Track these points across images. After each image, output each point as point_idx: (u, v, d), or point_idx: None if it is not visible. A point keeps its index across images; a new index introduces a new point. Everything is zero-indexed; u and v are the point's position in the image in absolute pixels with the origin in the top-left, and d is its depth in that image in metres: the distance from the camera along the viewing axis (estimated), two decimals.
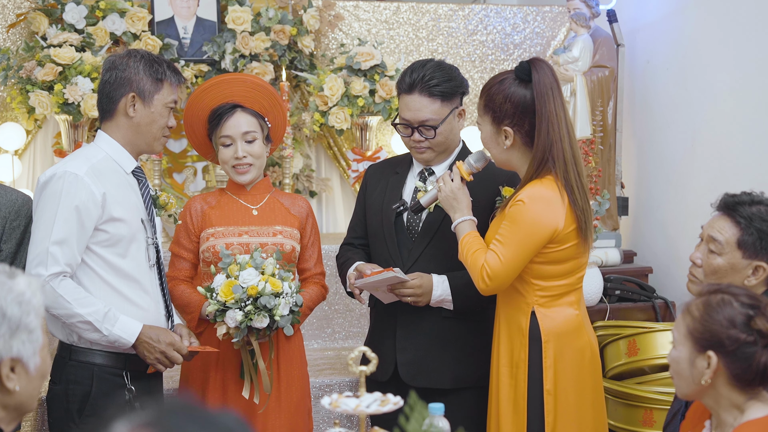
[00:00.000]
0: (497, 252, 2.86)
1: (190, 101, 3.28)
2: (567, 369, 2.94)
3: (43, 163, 5.04)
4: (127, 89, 3.00)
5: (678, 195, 4.82)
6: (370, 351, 1.93)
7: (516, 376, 2.95)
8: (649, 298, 4.62)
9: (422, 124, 3.21)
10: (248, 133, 3.23)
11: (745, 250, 2.55)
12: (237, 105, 3.25)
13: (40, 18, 4.80)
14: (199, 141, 3.35)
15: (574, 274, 2.98)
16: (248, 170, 3.25)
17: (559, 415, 2.90)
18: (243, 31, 4.99)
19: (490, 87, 2.96)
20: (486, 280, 2.87)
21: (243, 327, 2.97)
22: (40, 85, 4.60)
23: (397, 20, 5.43)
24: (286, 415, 3.23)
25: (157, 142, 3.08)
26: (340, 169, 5.39)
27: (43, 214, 2.90)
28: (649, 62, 5.08)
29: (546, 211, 2.86)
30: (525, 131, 2.92)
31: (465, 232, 2.98)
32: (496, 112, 2.93)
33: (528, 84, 2.91)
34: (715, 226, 2.62)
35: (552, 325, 2.93)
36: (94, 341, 2.91)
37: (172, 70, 3.07)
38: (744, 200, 2.59)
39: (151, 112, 3.02)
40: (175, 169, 5.31)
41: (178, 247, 3.31)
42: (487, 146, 3.01)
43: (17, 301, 1.82)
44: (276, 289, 2.96)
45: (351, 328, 4.64)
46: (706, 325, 2.11)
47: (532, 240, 2.85)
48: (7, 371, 1.81)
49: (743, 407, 2.11)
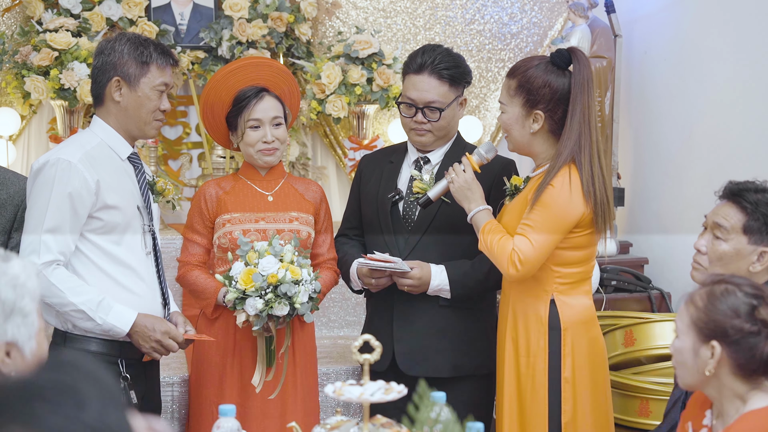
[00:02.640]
0: (528, 236, 2.87)
1: (214, 83, 3.24)
2: (584, 358, 2.97)
3: (37, 148, 5.00)
4: (111, 74, 2.96)
5: (675, 186, 4.83)
6: (374, 339, 1.92)
7: (534, 365, 2.95)
8: (645, 289, 4.64)
9: (428, 105, 3.21)
10: (276, 117, 3.24)
11: (751, 235, 2.57)
12: (263, 89, 3.25)
13: (35, 2, 4.75)
14: (216, 123, 3.31)
15: (588, 261, 3.02)
16: (273, 153, 3.25)
17: (576, 403, 2.93)
18: (240, 18, 4.96)
19: (526, 69, 2.96)
20: (517, 264, 2.87)
21: (263, 315, 2.97)
22: (35, 70, 4.57)
23: (394, 9, 5.40)
24: (301, 397, 3.26)
25: (148, 126, 3.03)
26: (336, 158, 5.38)
27: (36, 202, 2.87)
28: (646, 53, 5.08)
29: (574, 195, 2.88)
30: (557, 118, 2.93)
31: (484, 221, 2.98)
32: (531, 95, 2.93)
33: (564, 72, 2.92)
34: (720, 213, 2.63)
35: (571, 313, 2.95)
36: (88, 330, 2.89)
37: (160, 52, 3.01)
38: (749, 187, 2.61)
39: (138, 96, 2.97)
40: (171, 156, 5.28)
41: (191, 232, 3.28)
42: (510, 128, 3.00)
43: (11, 284, 1.80)
44: (296, 277, 2.96)
45: (347, 317, 4.63)
46: (710, 314, 2.12)
47: (563, 224, 2.88)
48: (2, 355, 1.79)
49: (746, 397, 2.12)
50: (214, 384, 3.23)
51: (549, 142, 2.97)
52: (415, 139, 3.29)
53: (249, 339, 3.18)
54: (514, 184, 3.12)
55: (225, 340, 3.22)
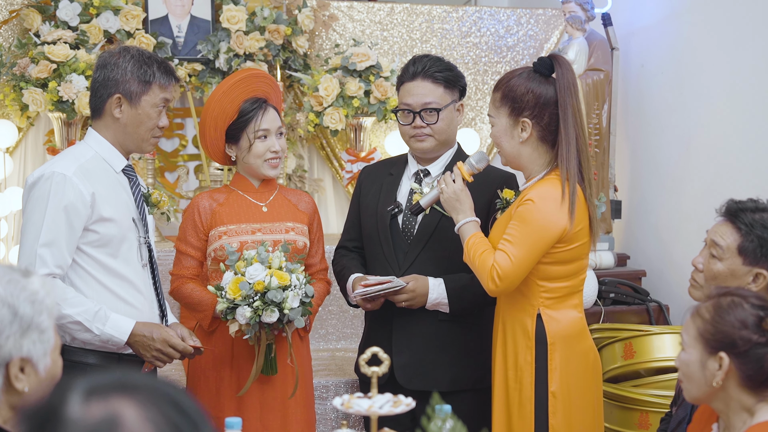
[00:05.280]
0: (507, 252, 2.84)
1: (220, 95, 3.22)
2: (572, 372, 2.93)
3: (34, 160, 4.99)
4: (113, 90, 2.95)
5: (672, 199, 4.83)
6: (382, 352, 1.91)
7: (521, 380, 2.94)
8: (643, 302, 4.64)
9: (425, 108, 3.23)
10: (280, 127, 3.27)
11: (746, 256, 2.56)
12: (265, 100, 3.27)
13: (33, 15, 4.76)
14: (217, 136, 3.28)
15: (577, 275, 2.98)
16: (278, 164, 3.27)
17: (563, 418, 2.90)
18: (237, 31, 4.97)
19: (509, 80, 2.96)
20: (496, 280, 2.85)
21: (253, 323, 2.96)
22: (33, 82, 4.56)
23: (391, 21, 5.42)
24: (300, 409, 3.25)
25: (145, 143, 3.03)
26: (333, 170, 5.38)
27: (32, 216, 2.87)
28: (643, 66, 5.09)
29: (555, 210, 2.85)
30: (543, 125, 2.91)
31: (470, 234, 2.96)
32: (515, 103, 2.92)
33: (548, 79, 2.92)
34: (717, 232, 2.63)
35: (558, 328, 2.92)
36: (87, 341, 2.88)
37: (163, 71, 3.00)
38: (748, 207, 2.60)
39: (138, 113, 2.96)
40: (168, 168, 5.28)
41: (184, 245, 3.27)
42: (499, 140, 2.99)
43: (30, 300, 1.79)
44: (283, 283, 2.95)
45: (344, 329, 4.63)
46: (718, 326, 2.12)
47: (543, 239, 2.85)
48: (16, 371, 1.78)
49: (753, 410, 2.12)
50: (211, 396, 3.21)
51: (539, 151, 2.95)
52: (416, 146, 3.29)
53: (247, 350, 3.16)
54: (505, 198, 3.11)
55: (222, 351, 3.21)
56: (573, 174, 2.86)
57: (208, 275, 3.26)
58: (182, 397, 1.21)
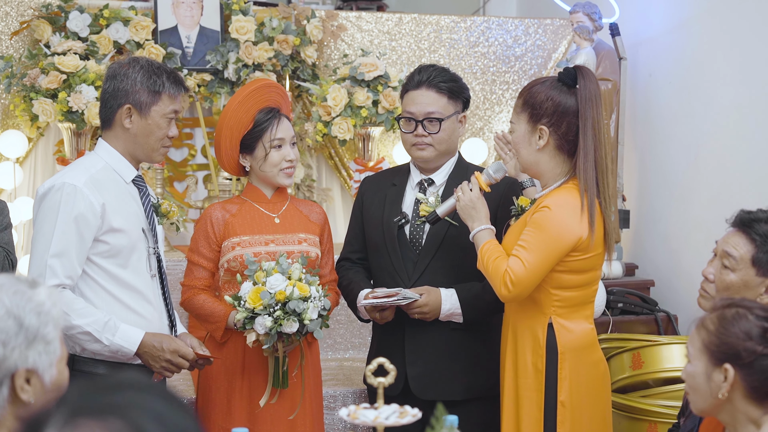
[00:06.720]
0: (521, 257, 2.84)
1: (234, 106, 3.23)
2: (582, 382, 2.93)
3: (44, 170, 5.02)
4: (123, 100, 2.96)
5: (680, 208, 4.83)
6: (388, 362, 1.91)
7: (531, 388, 2.94)
8: (651, 311, 4.63)
9: (427, 117, 3.24)
10: (293, 136, 3.29)
11: (759, 267, 2.55)
12: (278, 109, 3.29)
13: (43, 26, 4.79)
14: (231, 146, 3.27)
15: (590, 285, 2.99)
16: (293, 173, 3.29)
17: (572, 428, 2.90)
18: (246, 41, 4.99)
19: (531, 87, 2.98)
20: (509, 285, 2.85)
21: (273, 333, 2.96)
22: (44, 92, 4.59)
23: (399, 31, 5.43)
24: (310, 420, 3.25)
25: (155, 153, 3.04)
26: (341, 180, 5.40)
27: (42, 227, 2.88)
28: (651, 76, 5.09)
29: (572, 218, 2.86)
30: (561, 133, 2.92)
31: (484, 241, 2.97)
32: (534, 109, 2.93)
33: (571, 89, 2.93)
34: (730, 242, 2.62)
35: (569, 338, 2.92)
36: (96, 352, 2.88)
37: (172, 81, 3.01)
38: (760, 217, 2.59)
39: (147, 123, 2.97)
40: (176, 177, 5.30)
41: (196, 256, 3.26)
42: (518, 147, 3.00)
43: (36, 311, 1.79)
44: (304, 294, 2.95)
45: (353, 339, 4.63)
46: (722, 337, 2.11)
47: (557, 247, 2.84)
48: (22, 382, 1.78)
49: (760, 422, 2.11)
50: (222, 407, 3.21)
51: (556, 160, 2.96)
52: (417, 154, 3.30)
53: (258, 361, 3.16)
54: (520, 205, 3.13)
55: (233, 362, 3.21)
56: (591, 185, 2.87)
57: (220, 286, 3.26)
58: (171, 414, 1.20)
